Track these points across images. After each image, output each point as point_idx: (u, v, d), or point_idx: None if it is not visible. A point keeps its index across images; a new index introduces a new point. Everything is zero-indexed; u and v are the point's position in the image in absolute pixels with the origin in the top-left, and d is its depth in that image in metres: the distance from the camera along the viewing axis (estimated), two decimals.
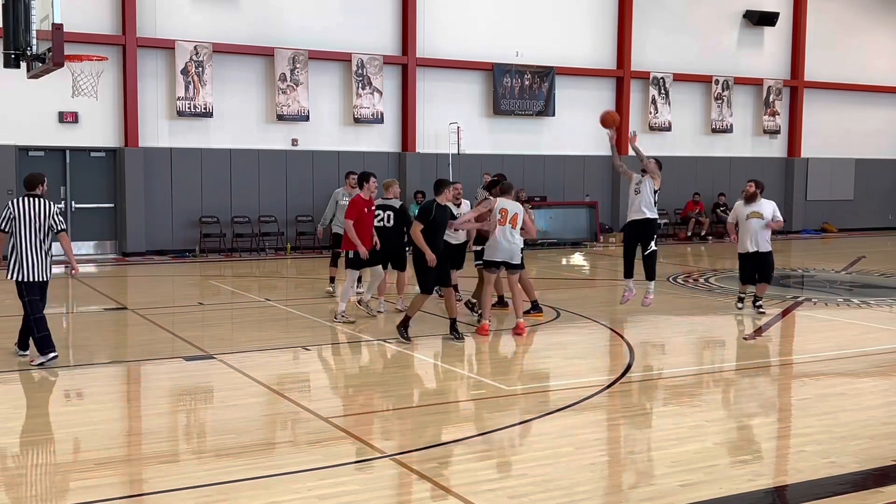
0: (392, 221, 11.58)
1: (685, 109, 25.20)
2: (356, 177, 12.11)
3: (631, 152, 12.63)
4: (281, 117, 20.15)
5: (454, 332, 10.17)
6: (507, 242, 10.43)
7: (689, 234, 24.61)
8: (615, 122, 12.22)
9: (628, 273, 11.98)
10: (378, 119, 21.14)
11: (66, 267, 10.47)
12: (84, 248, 19.24)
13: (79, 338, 10.98)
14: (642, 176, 11.74)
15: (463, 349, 10.04)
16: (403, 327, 10.07)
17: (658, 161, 12.05)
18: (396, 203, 11.73)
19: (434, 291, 10.61)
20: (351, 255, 11.26)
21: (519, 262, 10.76)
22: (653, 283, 11.91)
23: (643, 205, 11.62)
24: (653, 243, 11.68)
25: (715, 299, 13.77)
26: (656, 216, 11.78)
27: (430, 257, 9.81)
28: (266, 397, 7.76)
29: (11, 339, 10.25)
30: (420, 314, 10.87)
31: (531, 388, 8.34)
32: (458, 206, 11.88)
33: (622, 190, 24.32)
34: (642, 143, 24.31)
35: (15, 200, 8.79)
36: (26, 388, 8.22)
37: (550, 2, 23.14)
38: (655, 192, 11.70)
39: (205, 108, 19.39)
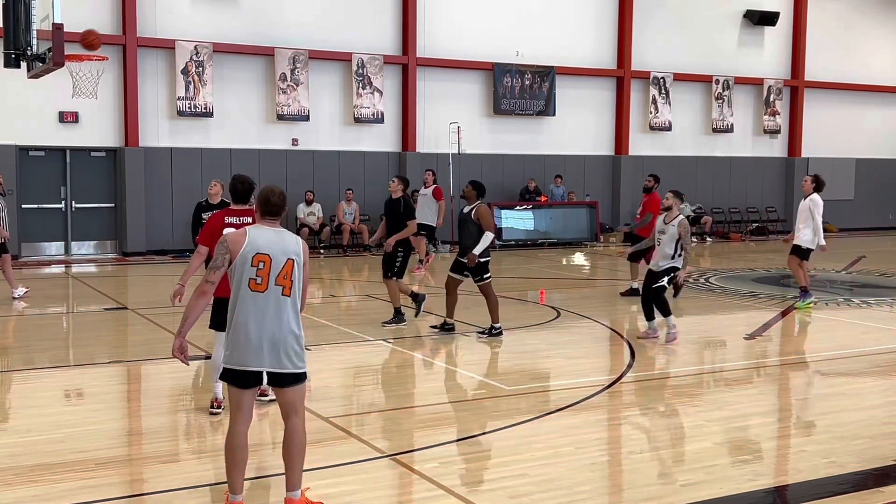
0: None
1: (685, 109, 25.20)
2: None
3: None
4: (281, 117, 20.14)
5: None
6: (269, 325, 4.91)
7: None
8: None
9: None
10: (378, 119, 21.13)
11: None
12: (84, 248, 19.26)
13: (79, 338, 10.98)
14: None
15: (463, 349, 10.04)
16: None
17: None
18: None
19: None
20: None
21: (302, 369, 5.04)
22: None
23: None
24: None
25: (715, 299, 13.77)
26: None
27: None
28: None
29: (12, 340, 10.29)
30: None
31: (531, 388, 8.34)
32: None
33: (622, 190, 24.36)
34: (643, 142, 24.63)
35: None
36: (26, 388, 8.22)
37: (550, 2, 23.13)
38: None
39: (205, 108, 19.39)
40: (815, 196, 12.56)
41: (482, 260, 10.27)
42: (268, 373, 4.94)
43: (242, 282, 4.90)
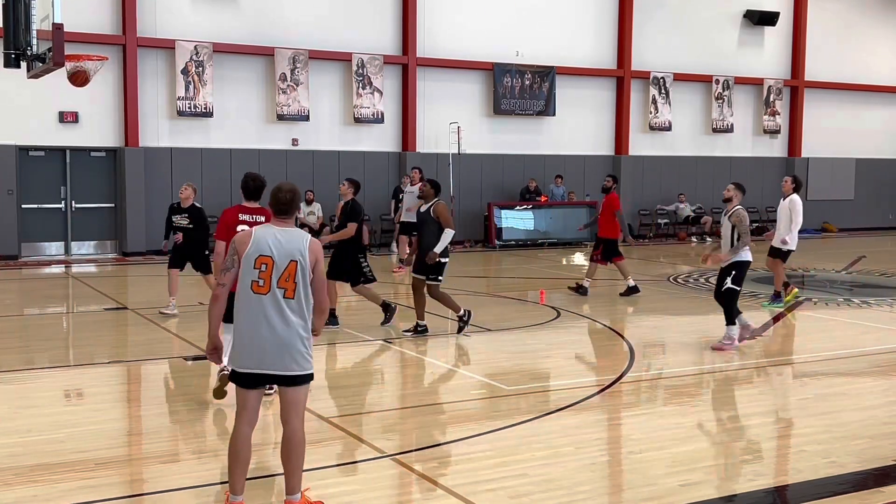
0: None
1: (685, 109, 25.20)
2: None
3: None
4: (281, 117, 20.14)
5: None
6: (273, 328, 4.85)
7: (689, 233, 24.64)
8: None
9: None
10: (378, 119, 21.13)
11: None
12: (84, 248, 19.25)
13: (79, 338, 10.98)
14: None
15: (463, 349, 10.04)
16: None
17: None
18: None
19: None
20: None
21: (308, 370, 4.98)
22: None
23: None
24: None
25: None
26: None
27: None
28: (266, 397, 7.74)
29: (11, 339, 10.28)
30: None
31: (531, 388, 8.34)
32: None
33: (622, 190, 24.31)
34: (643, 142, 24.63)
35: None
36: (26, 388, 8.22)
37: (550, 2, 23.13)
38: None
39: (205, 108, 19.39)
40: (795, 196, 12.67)
41: (441, 260, 10.14)
42: (268, 375, 4.90)
43: (245, 283, 4.85)
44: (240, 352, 4.88)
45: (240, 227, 7.30)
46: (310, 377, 4.97)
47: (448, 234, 10.08)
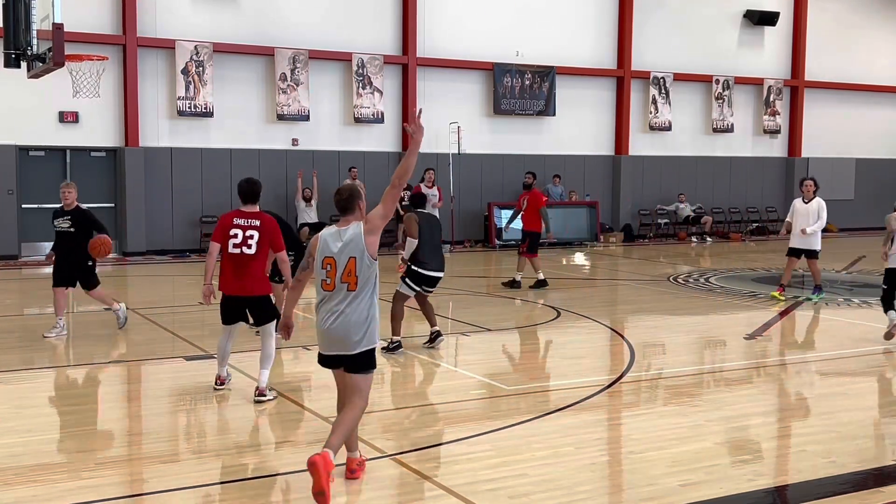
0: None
1: (685, 109, 25.20)
2: None
3: None
4: (281, 117, 20.14)
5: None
6: (338, 318, 5.51)
7: (689, 233, 24.63)
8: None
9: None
10: (378, 119, 21.14)
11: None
12: None
13: (79, 338, 10.97)
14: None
15: (463, 350, 10.04)
16: None
17: None
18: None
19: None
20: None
21: (365, 348, 5.59)
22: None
23: None
24: None
25: (715, 299, 13.77)
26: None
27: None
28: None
29: (11, 339, 10.28)
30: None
31: (531, 388, 8.34)
32: None
33: (622, 190, 24.36)
34: (643, 142, 24.64)
35: None
36: (26, 388, 8.22)
37: (550, 2, 23.13)
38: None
39: (205, 108, 19.39)
40: (820, 199, 13.56)
41: (418, 270, 9.63)
42: (338, 356, 5.58)
43: (317, 283, 5.58)
44: (318, 338, 5.67)
45: (233, 232, 7.68)
46: (368, 360, 5.62)
47: (410, 243, 9.65)
